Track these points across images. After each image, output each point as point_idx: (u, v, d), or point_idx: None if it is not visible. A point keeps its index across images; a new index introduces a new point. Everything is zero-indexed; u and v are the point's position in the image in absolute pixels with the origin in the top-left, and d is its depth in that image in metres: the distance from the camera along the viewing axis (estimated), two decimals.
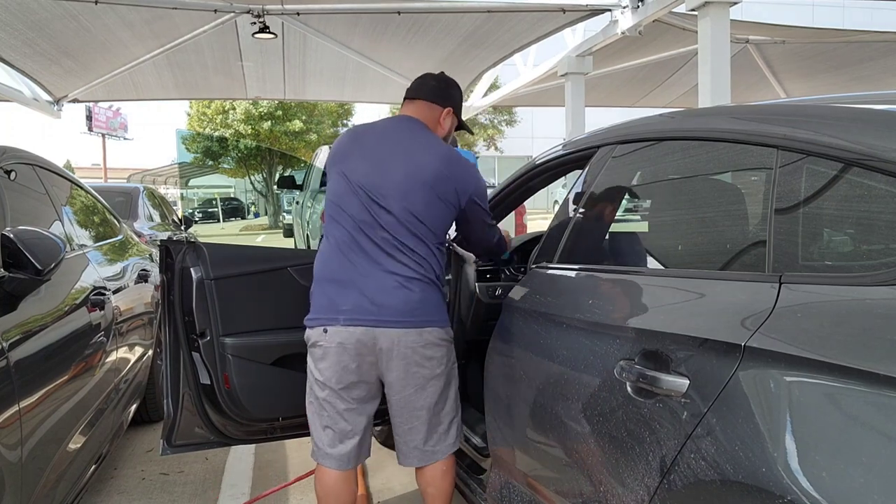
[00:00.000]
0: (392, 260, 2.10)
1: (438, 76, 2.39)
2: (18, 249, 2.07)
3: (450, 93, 2.37)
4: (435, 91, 2.34)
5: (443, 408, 2.20)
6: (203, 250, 2.46)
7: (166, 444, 2.52)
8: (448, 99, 2.35)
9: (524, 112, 28.95)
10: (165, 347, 2.50)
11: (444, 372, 2.19)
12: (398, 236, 2.10)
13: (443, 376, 2.19)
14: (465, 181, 2.21)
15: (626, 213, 2.11)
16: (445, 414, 2.21)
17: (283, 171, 27.60)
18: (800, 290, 1.24)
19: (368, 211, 2.12)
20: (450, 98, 2.36)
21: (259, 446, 3.51)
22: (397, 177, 2.12)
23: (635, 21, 6.86)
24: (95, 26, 7.54)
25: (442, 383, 2.19)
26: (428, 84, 2.35)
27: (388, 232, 2.10)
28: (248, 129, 25.49)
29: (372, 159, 2.17)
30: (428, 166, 2.14)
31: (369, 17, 7.79)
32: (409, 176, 2.12)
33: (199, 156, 28.56)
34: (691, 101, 10.99)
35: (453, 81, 2.43)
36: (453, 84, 2.41)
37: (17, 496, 1.82)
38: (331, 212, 2.22)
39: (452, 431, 2.24)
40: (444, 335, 2.18)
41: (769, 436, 1.12)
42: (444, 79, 2.39)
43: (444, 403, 2.20)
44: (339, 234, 2.16)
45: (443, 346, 2.18)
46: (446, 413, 2.22)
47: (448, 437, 2.23)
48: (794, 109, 1.53)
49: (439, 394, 2.19)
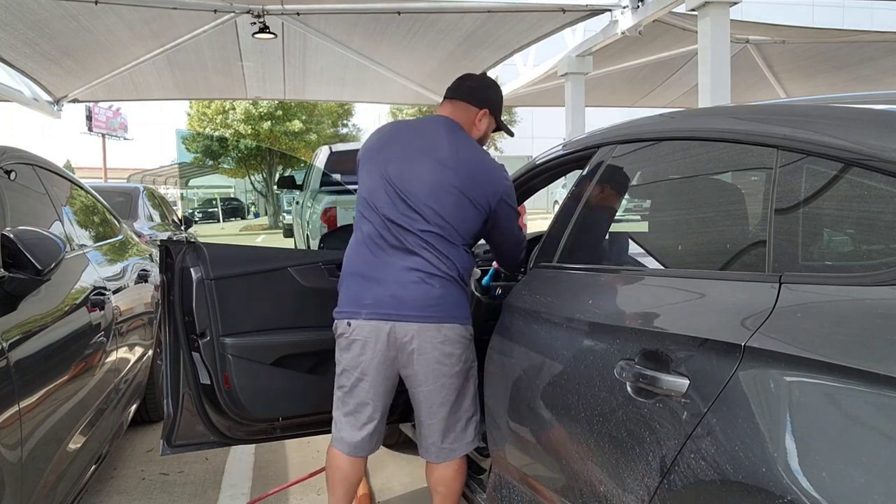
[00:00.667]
0: (415, 257, 2.12)
1: (478, 77, 2.40)
2: (18, 249, 2.07)
3: (487, 94, 2.35)
4: (472, 92, 2.33)
5: (461, 406, 2.21)
6: (203, 250, 2.46)
7: (166, 444, 2.52)
8: (485, 100, 2.33)
9: (524, 112, 28.96)
10: (165, 347, 2.50)
11: (463, 370, 2.19)
12: (423, 235, 2.12)
13: (462, 374, 2.19)
14: (496, 183, 2.21)
15: (626, 213, 2.11)
16: (464, 412, 2.22)
17: (283, 171, 27.61)
18: (800, 290, 1.24)
19: (396, 208, 2.14)
20: (486, 100, 2.34)
21: (259, 446, 3.51)
22: (427, 177, 2.14)
23: (635, 21, 6.86)
24: (95, 26, 7.54)
25: (460, 381, 2.19)
26: (466, 84, 2.35)
27: (414, 230, 2.13)
28: (248, 129, 25.51)
29: (404, 157, 2.19)
30: (459, 168, 2.15)
31: (369, 18, 7.79)
32: (439, 177, 2.14)
33: (199, 156, 28.59)
34: (691, 101, 10.99)
35: (492, 82, 2.41)
36: (492, 85, 2.39)
37: (17, 496, 1.82)
38: (360, 206, 2.25)
39: (470, 430, 2.24)
40: (464, 332, 2.19)
41: (769, 436, 1.12)
42: (482, 80, 2.39)
43: (462, 401, 2.21)
44: (367, 228, 2.19)
45: (462, 344, 2.18)
46: (465, 411, 2.22)
47: (466, 436, 2.23)
48: (794, 109, 1.53)
49: (458, 392, 2.19)
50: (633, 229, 2.23)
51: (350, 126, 30.47)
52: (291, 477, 3.19)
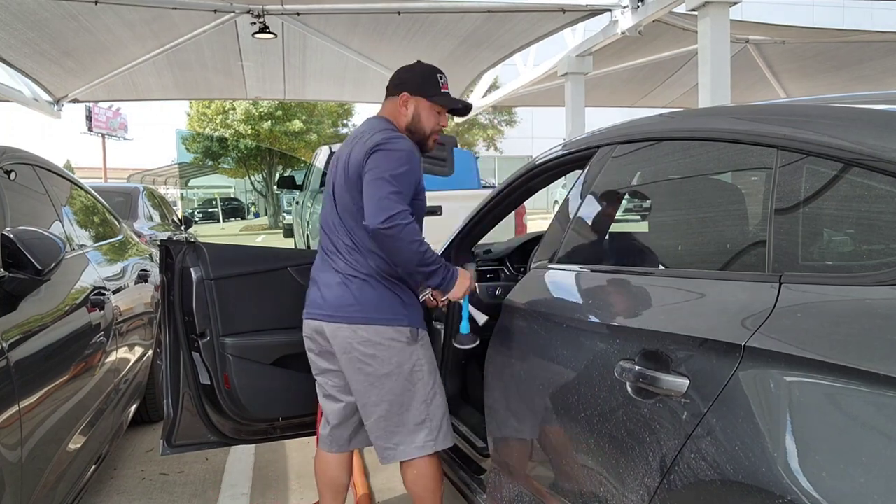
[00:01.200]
0: (340, 259, 2.19)
1: (399, 68, 2.30)
2: (18, 249, 2.07)
3: (401, 78, 2.24)
4: (390, 84, 2.27)
5: (404, 409, 2.17)
6: (203, 250, 2.46)
7: (166, 444, 2.53)
8: (399, 85, 2.23)
9: (524, 112, 28.96)
10: (165, 347, 2.50)
11: (395, 372, 2.14)
12: (343, 239, 2.19)
13: (395, 377, 2.14)
14: (367, 141, 2.10)
15: (626, 213, 2.11)
16: (410, 416, 2.17)
17: (283, 171, 27.61)
18: (800, 290, 1.24)
19: (329, 214, 2.26)
20: (401, 83, 2.23)
21: (259, 446, 3.51)
22: (340, 179, 2.20)
23: (635, 21, 6.86)
24: (95, 26, 7.54)
25: (395, 384, 2.15)
26: (390, 80, 2.29)
27: (338, 234, 2.21)
28: (248, 129, 25.51)
29: (336, 165, 2.26)
30: (353, 161, 2.13)
31: (369, 18, 7.80)
32: (341, 179, 2.19)
33: (199, 156, 28.59)
34: (691, 101, 10.99)
35: (409, 66, 2.27)
36: (407, 68, 2.26)
37: (17, 496, 1.82)
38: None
39: (421, 435, 2.18)
40: (390, 334, 2.13)
41: (769, 436, 1.12)
42: (399, 68, 2.29)
43: (405, 405, 2.17)
44: (321, 236, 2.32)
45: (386, 346, 2.13)
46: (411, 415, 2.17)
47: (415, 440, 2.18)
48: (794, 109, 1.53)
49: (395, 394, 2.16)
50: (633, 229, 2.23)
51: (350, 126, 30.48)
52: (291, 477, 3.19)
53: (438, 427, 2.21)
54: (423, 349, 2.21)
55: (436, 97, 2.23)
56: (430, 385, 2.20)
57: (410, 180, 2.06)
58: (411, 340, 2.17)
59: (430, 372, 2.20)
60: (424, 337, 2.23)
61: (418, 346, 2.19)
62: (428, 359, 2.21)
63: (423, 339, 2.23)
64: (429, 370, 2.20)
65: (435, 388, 2.21)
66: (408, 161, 2.07)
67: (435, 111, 2.25)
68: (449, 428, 2.27)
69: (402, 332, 2.15)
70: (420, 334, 2.21)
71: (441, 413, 2.22)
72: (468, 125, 26.82)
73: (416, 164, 2.11)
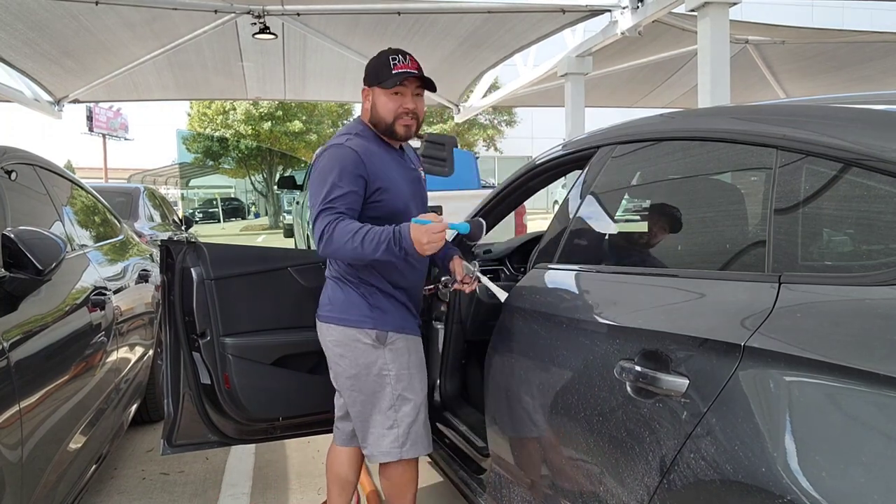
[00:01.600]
0: (329, 262, 2.29)
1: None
2: (19, 249, 2.07)
3: (364, 72, 2.18)
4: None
5: (373, 412, 2.16)
6: (203, 250, 2.46)
7: (167, 444, 2.53)
8: (364, 80, 2.18)
9: (524, 112, 28.95)
10: (166, 347, 2.50)
11: (363, 374, 2.15)
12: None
13: (364, 378, 2.14)
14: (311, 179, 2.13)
15: (626, 213, 2.11)
16: (378, 420, 2.16)
17: (283, 172, 27.61)
18: (799, 290, 1.24)
19: None
20: (364, 78, 2.18)
21: (259, 446, 3.51)
22: None
23: (635, 21, 6.85)
24: (96, 26, 7.54)
25: (364, 385, 2.15)
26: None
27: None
28: (248, 129, 25.51)
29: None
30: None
31: (369, 18, 7.79)
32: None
33: (200, 156, 28.59)
34: (691, 101, 10.99)
35: (373, 57, 2.19)
36: (370, 60, 2.18)
37: (17, 496, 1.82)
38: None
39: (387, 441, 2.16)
40: (353, 335, 2.15)
41: (769, 436, 1.12)
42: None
43: (374, 408, 2.16)
44: None
45: (352, 347, 2.15)
46: (379, 419, 2.16)
47: (381, 445, 2.17)
48: (794, 109, 1.54)
49: (366, 395, 2.16)
50: (633, 229, 2.24)
51: None
52: (291, 477, 3.19)
53: (406, 434, 2.17)
54: (392, 354, 2.16)
55: (387, 81, 2.11)
56: (399, 391, 2.16)
57: (337, 191, 2.02)
58: (377, 343, 2.15)
59: (398, 378, 2.16)
60: (397, 342, 2.17)
61: (385, 350, 2.15)
62: (398, 364, 2.16)
63: (395, 343, 2.17)
64: (396, 376, 2.16)
65: (405, 394, 2.17)
66: (330, 172, 2.04)
67: (393, 95, 2.12)
68: (420, 437, 2.22)
69: (367, 334, 2.15)
70: (390, 338, 2.16)
71: (409, 421, 2.17)
72: (468, 125, 26.81)
73: (347, 170, 2.04)
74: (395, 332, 2.18)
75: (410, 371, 2.19)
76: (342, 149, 2.08)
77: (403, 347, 2.19)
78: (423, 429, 2.22)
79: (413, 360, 2.21)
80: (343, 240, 1.97)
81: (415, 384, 2.20)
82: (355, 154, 2.07)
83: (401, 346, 2.18)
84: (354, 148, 2.08)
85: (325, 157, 2.11)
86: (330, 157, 2.08)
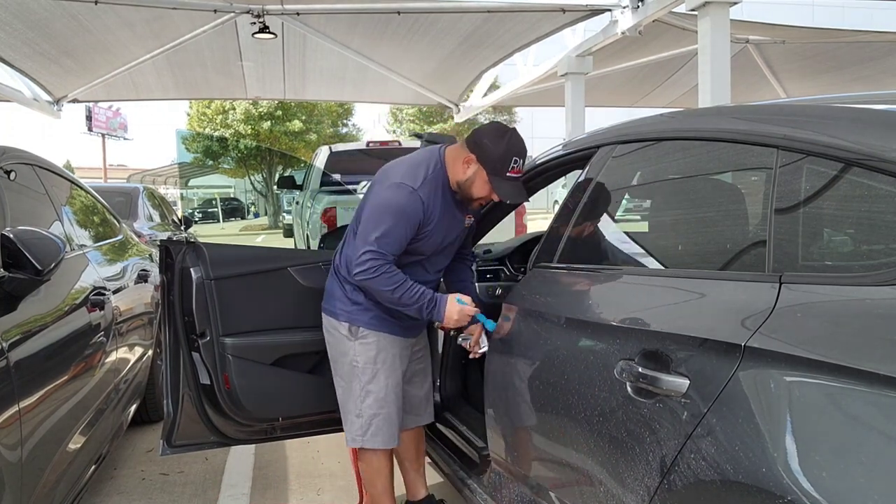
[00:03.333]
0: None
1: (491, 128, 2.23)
2: (18, 249, 2.07)
3: (481, 142, 2.18)
4: (470, 137, 2.23)
5: (347, 398, 2.35)
6: (203, 250, 2.46)
7: (166, 444, 2.52)
8: (475, 146, 2.18)
9: (524, 112, 28.93)
10: (165, 348, 2.50)
11: (341, 360, 2.34)
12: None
13: (341, 365, 2.34)
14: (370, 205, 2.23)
15: (626, 213, 2.11)
16: (349, 406, 2.34)
17: (282, 171, 27.58)
18: (800, 290, 1.24)
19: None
20: (477, 146, 2.18)
21: (259, 446, 3.51)
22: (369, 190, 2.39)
23: (635, 21, 6.85)
24: (95, 26, 7.54)
25: (343, 371, 2.34)
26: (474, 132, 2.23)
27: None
28: (248, 129, 25.50)
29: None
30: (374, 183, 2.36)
31: (369, 17, 7.79)
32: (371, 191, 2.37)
33: (199, 156, 28.56)
34: (691, 101, 10.99)
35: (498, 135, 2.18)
36: (494, 136, 2.18)
37: (17, 496, 1.82)
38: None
39: (354, 427, 2.33)
40: (332, 324, 2.34)
41: (769, 436, 1.12)
42: (491, 128, 2.22)
43: (348, 393, 2.34)
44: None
45: (333, 335, 2.35)
46: (350, 406, 2.33)
47: (350, 430, 2.35)
48: (794, 109, 1.53)
49: (345, 380, 2.34)
50: (633, 229, 2.23)
51: (350, 126, 30.46)
52: (291, 477, 3.19)
53: (367, 425, 2.31)
54: (362, 347, 2.30)
55: (496, 176, 2.16)
56: (364, 383, 2.30)
57: (392, 236, 2.15)
58: (350, 336, 2.31)
59: (363, 370, 2.30)
60: (368, 337, 2.30)
61: (356, 343, 2.31)
62: (364, 358, 2.30)
63: (366, 338, 2.30)
64: (363, 369, 2.30)
65: (369, 387, 2.30)
66: (391, 212, 2.15)
67: (489, 185, 2.19)
68: (381, 430, 2.31)
69: (342, 325, 2.32)
70: (361, 333, 2.30)
71: (371, 413, 2.31)
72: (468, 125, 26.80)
73: (408, 217, 2.15)
74: (367, 328, 2.30)
75: (377, 366, 2.31)
76: (413, 196, 2.15)
77: (373, 343, 2.30)
78: (384, 423, 2.32)
79: (382, 357, 2.32)
80: (384, 287, 2.16)
81: (380, 379, 2.31)
82: (422, 205, 2.17)
83: (371, 341, 2.30)
84: (423, 199, 2.17)
85: (393, 191, 2.17)
86: (397, 197, 2.16)
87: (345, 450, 3.44)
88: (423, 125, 26.84)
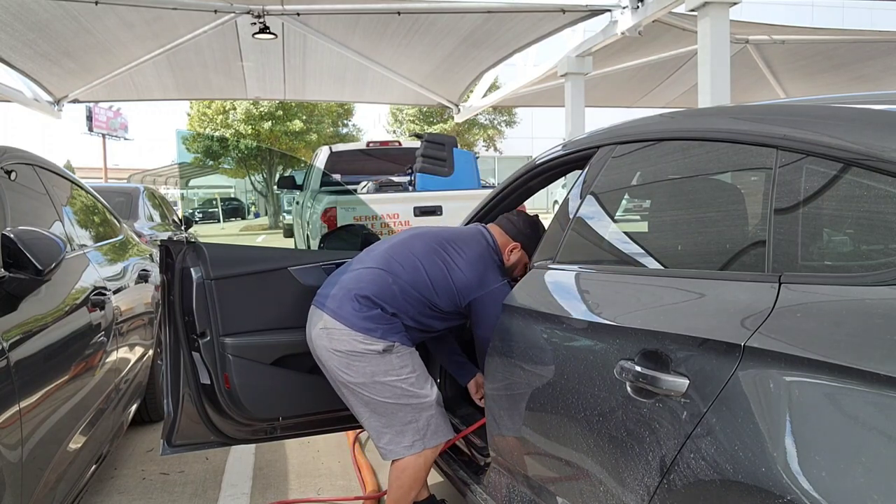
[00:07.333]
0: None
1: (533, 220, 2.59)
2: (19, 249, 2.07)
3: (526, 233, 2.53)
4: (515, 227, 2.54)
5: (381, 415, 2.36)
6: (203, 250, 2.46)
7: (166, 444, 2.53)
8: (518, 235, 2.53)
9: (524, 112, 28.95)
10: (166, 347, 2.50)
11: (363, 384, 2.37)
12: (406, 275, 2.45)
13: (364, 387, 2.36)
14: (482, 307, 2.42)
15: (626, 213, 2.11)
16: (385, 422, 2.36)
17: (283, 171, 27.59)
18: (799, 290, 1.24)
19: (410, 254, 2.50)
20: (521, 236, 2.53)
21: (259, 446, 3.51)
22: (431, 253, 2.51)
23: (635, 21, 6.86)
24: (96, 27, 7.55)
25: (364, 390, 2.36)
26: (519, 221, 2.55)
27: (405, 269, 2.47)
28: (248, 129, 25.52)
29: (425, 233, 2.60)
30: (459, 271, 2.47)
31: (369, 18, 7.80)
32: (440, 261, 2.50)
33: (200, 156, 28.56)
34: (691, 101, 10.99)
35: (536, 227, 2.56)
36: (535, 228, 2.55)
37: (17, 496, 1.82)
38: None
39: (406, 437, 2.34)
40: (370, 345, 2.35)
41: (769, 436, 1.12)
42: (533, 221, 2.58)
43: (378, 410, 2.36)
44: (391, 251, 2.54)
45: (361, 358, 2.34)
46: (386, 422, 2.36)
47: (402, 440, 2.35)
48: (794, 109, 1.53)
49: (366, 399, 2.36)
50: (632, 229, 2.23)
51: (350, 126, 30.46)
52: (291, 477, 3.19)
53: (426, 426, 2.37)
54: (399, 360, 2.38)
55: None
56: (415, 390, 2.36)
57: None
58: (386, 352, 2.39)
59: (406, 379, 2.37)
60: (400, 349, 2.39)
61: (393, 356, 2.38)
62: (408, 368, 2.38)
63: (399, 351, 2.39)
64: (405, 378, 2.37)
65: (418, 392, 2.37)
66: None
67: (525, 261, 2.49)
68: (441, 425, 2.37)
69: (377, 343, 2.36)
70: (396, 348, 2.39)
71: (429, 414, 2.38)
72: (468, 125, 26.82)
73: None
74: (401, 343, 2.34)
75: (416, 371, 2.38)
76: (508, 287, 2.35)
77: (407, 354, 2.36)
78: (440, 416, 2.40)
79: (415, 360, 2.39)
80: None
81: (421, 379, 2.40)
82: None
83: (405, 352, 2.35)
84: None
85: (503, 290, 2.33)
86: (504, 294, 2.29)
87: (345, 450, 3.45)
88: (423, 125, 26.85)
